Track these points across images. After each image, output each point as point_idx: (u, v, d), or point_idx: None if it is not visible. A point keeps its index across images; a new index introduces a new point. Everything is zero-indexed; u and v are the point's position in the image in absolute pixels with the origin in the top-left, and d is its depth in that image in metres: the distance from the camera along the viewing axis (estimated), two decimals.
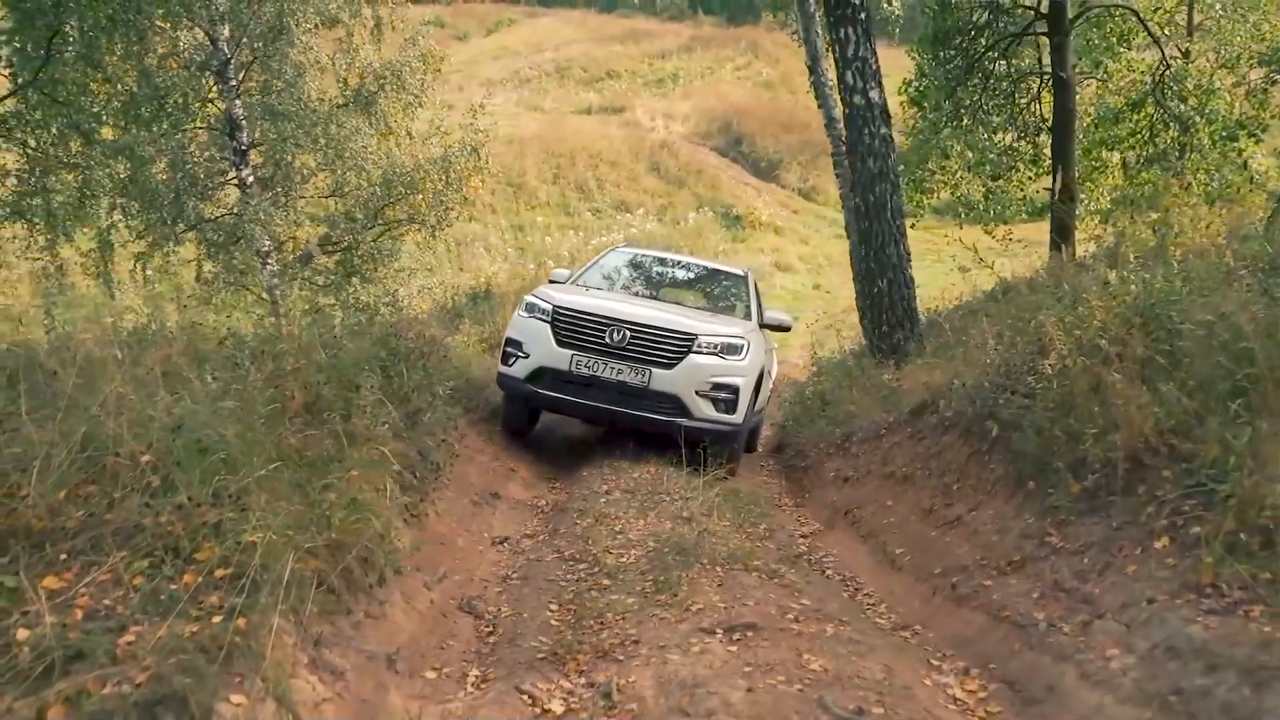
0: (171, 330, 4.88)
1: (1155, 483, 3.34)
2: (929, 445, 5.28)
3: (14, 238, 12.31)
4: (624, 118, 39.43)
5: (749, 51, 49.37)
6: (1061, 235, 11.56)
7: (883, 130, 8.30)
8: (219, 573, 2.77)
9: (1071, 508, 3.66)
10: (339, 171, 16.60)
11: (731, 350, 6.57)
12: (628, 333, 6.42)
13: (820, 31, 14.01)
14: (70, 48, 11.21)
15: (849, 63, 8.21)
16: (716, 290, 8.63)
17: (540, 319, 6.65)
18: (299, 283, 16.72)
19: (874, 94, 8.24)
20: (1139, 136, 13.77)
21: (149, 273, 15.93)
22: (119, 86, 14.15)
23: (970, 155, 13.81)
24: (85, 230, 13.95)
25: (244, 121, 15.50)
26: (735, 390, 6.48)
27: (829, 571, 4.70)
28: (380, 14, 17.69)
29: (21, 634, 2.47)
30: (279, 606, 2.72)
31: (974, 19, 13.13)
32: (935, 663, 3.42)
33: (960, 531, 4.37)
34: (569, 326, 6.55)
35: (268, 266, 15.66)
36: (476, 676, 3.24)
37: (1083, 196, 13.69)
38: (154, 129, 14.01)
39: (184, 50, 15.19)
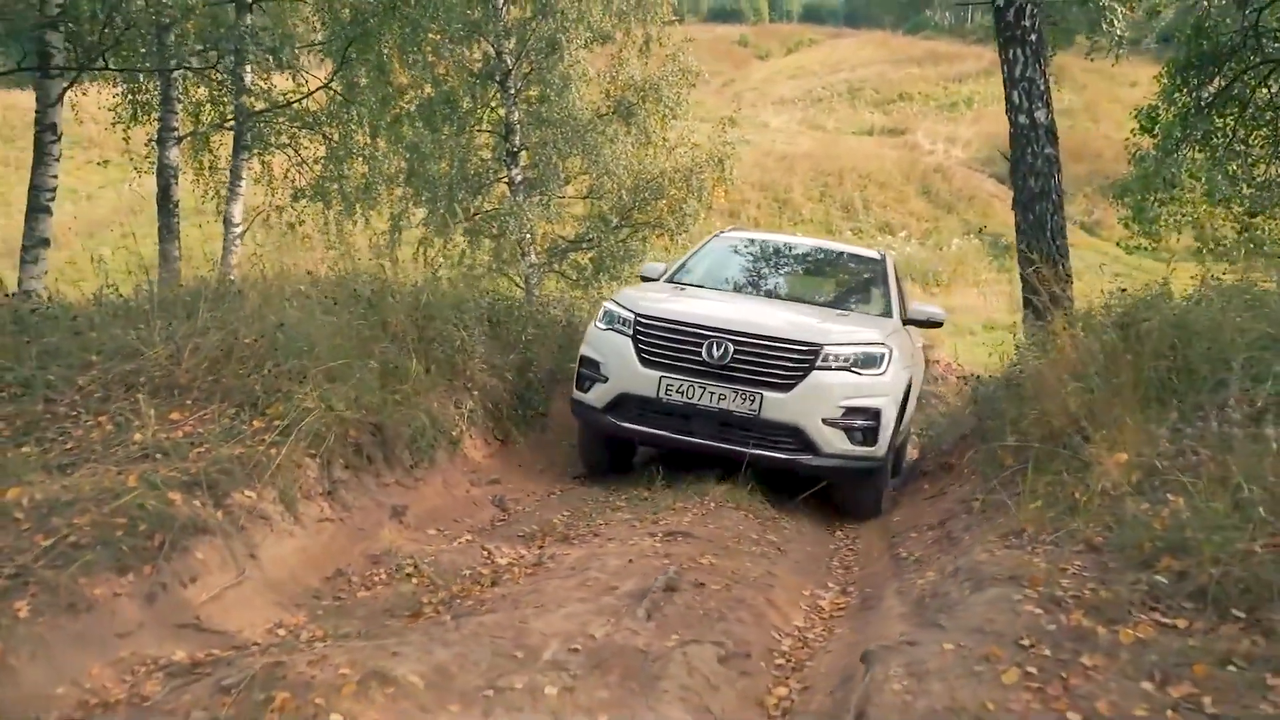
0: (358, 280, 6.21)
1: (1060, 458, 3.70)
2: (977, 440, 5.62)
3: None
4: (903, 140, 39.11)
5: (1054, 76, 46.93)
6: None
7: (1047, 150, 8.40)
8: (277, 423, 3.90)
9: (998, 480, 4.04)
10: (594, 175, 18.15)
11: (869, 362, 5.15)
12: (730, 346, 5.03)
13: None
14: (368, 58, 13.36)
15: (1015, 82, 8.40)
16: (847, 280, 7.04)
17: (620, 331, 5.34)
18: (554, 275, 18.55)
19: (1039, 114, 8.37)
20: None
21: (429, 255, 18.14)
22: (417, 92, 16.56)
23: (1214, 186, 13.04)
24: (376, 213, 16.27)
25: (518, 126, 17.45)
26: (875, 414, 5.07)
27: (838, 532, 5.22)
28: (650, 32, 19.12)
29: (137, 437, 3.70)
30: (306, 448, 3.81)
31: (1231, 43, 12.47)
32: (830, 585, 3.97)
33: (938, 503, 4.80)
34: (655, 340, 5.21)
35: (526, 257, 17.45)
36: (466, 540, 4.17)
37: None
38: (444, 130, 16.23)
39: (474, 61, 17.25)
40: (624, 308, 5.45)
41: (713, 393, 5.06)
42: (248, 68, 11.44)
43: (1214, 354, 3.72)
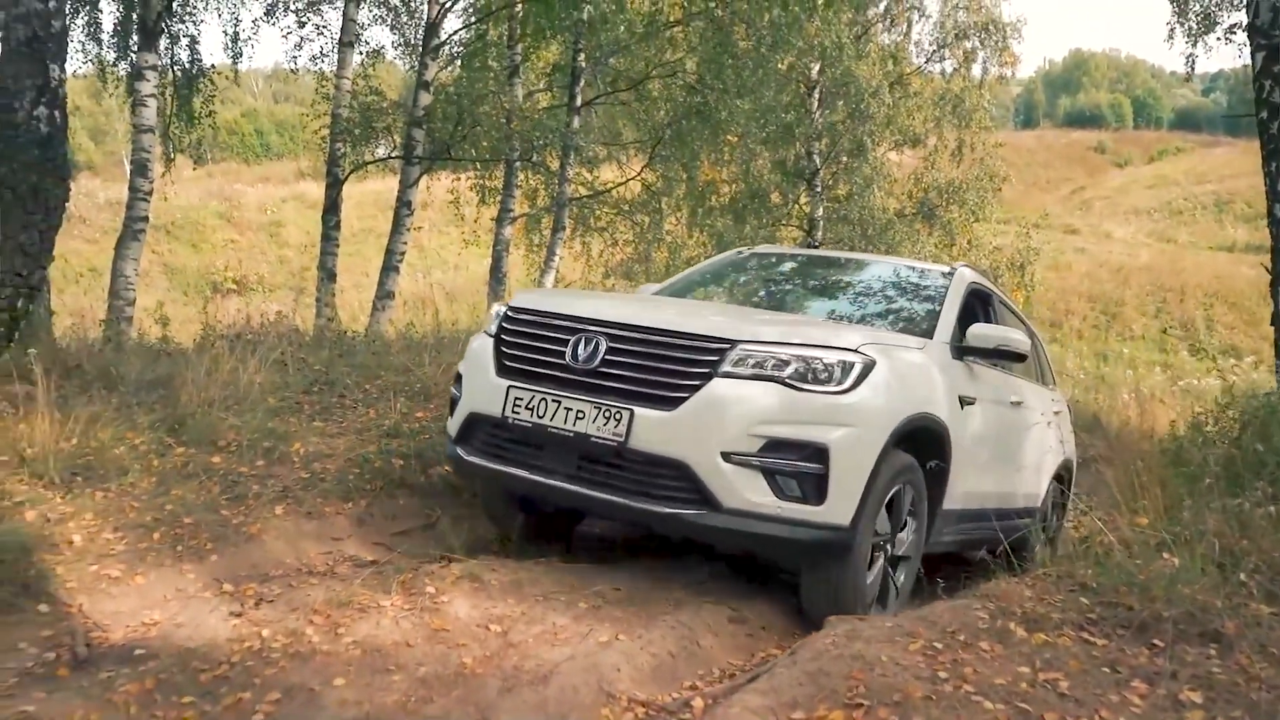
0: None
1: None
2: None
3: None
4: (1268, 259, 35.65)
5: None
6: None
7: None
8: (435, 411, 5.15)
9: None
10: None
11: (819, 374, 3.49)
12: (601, 343, 3.61)
13: None
14: (681, 157, 15.01)
15: (1279, 196, 8.27)
16: (883, 295, 5.01)
17: (489, 334, 4.06)
18: None
19: None
20: None
21: None
22: (732, 186, 18.17)
23: None
24: None
25: (821, 222, 18.49)
26: (821, 454, 3.40)
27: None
28: (964, 137, 19.54)
29: (385, 423, 5.07)
30: None
31: None
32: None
33: None
34: (518, 340, 3.87)
35: None
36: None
37: None
38: (750, 222, 17.64)
39: (787, 160, 18.49)
40: (504, 305, 4.17)
41: (568, 409, 3.55)
42: (571, 160, 13.41)
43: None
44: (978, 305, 4.99)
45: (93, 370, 5.33)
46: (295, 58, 11.52)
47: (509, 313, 4.00)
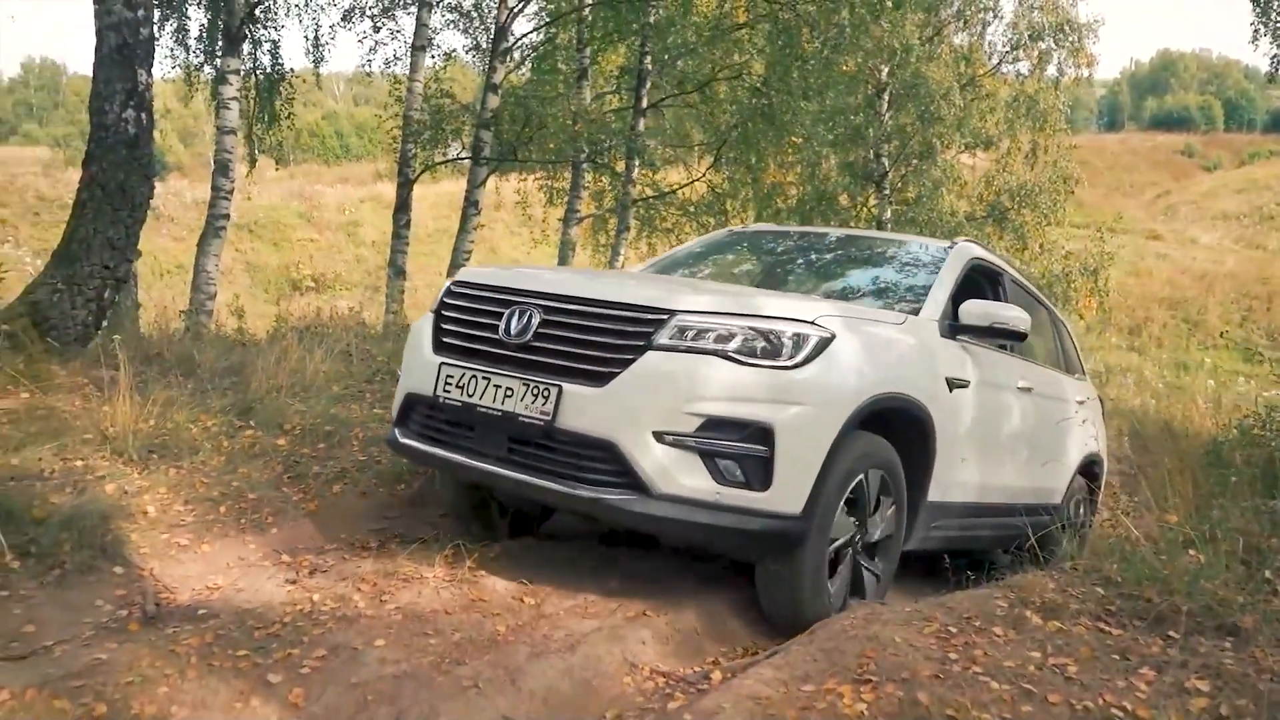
0: None
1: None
2: None
3: None
4: None
5: None
6: None
7: None
8: None
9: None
10: None
11: (768, 347, 3.21)
12: (534, 315, 3.38)
13: None
14: (747, 159, 15.11)
15: None
16: (882, 274, 4.64)
17: (432, 310, 3.88)
18: None
19: None
20: None
21: None
22: (801, 189, 18.17)
23: None
24: None
25: (889, 225, 18.38)
26: (765, 435, 3.13)
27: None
28: (1037, 140, 19.25)
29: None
30: None
31: None
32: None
33: None
34: (456, 316, 3.68)
35: None
36: None
37: None
38: (816, 224, 17.63)
39: (855, 163, 18.42)
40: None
41: (497, 386, 3.33)
42: (636, 162, 13.61)
43: None
44: (985, 283, 4.68)
45: (172, 358, 5.67)
46: (370, 61, 11.92)
47: (451, 287, 3.80)
